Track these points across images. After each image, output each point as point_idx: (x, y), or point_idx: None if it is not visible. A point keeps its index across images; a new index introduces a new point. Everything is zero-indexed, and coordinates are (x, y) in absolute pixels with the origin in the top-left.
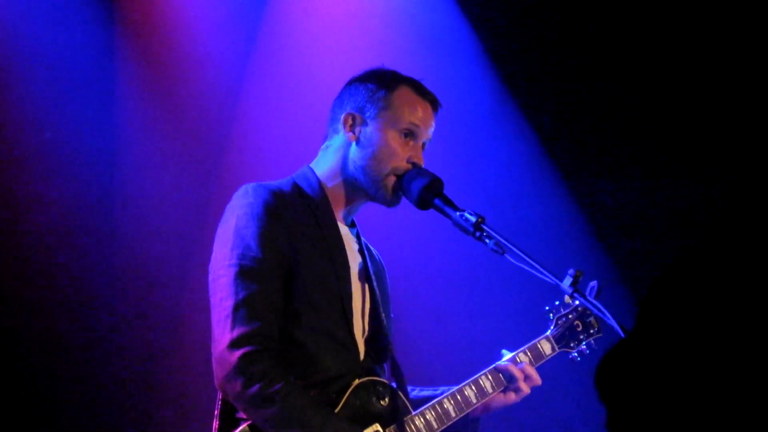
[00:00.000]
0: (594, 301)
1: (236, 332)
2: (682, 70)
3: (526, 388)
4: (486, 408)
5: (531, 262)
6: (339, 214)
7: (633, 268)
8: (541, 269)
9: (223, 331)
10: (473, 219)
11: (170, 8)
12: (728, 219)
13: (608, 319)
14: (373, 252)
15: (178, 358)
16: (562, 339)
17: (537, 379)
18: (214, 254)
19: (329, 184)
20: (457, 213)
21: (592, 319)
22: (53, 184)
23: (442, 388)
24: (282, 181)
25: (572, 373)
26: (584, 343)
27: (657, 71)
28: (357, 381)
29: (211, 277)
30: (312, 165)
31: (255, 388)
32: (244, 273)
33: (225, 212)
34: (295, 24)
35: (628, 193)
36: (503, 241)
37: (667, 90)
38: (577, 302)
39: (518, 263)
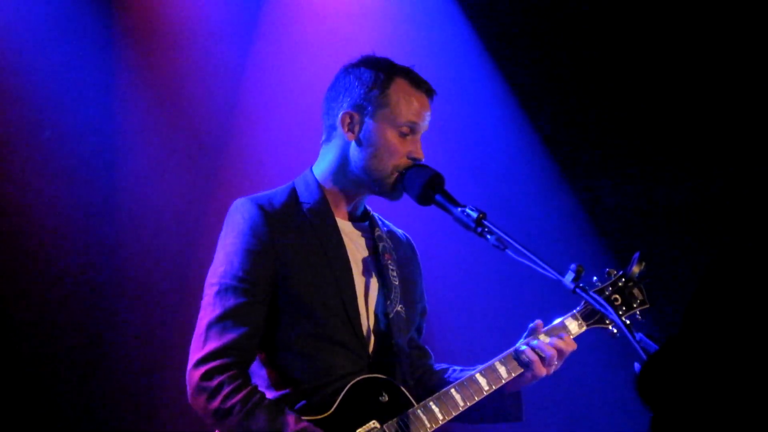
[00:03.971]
0: (596, 297)
1: (206, 350)
2: (683, 69)
3: (542, 371)
4: (516, 383)
5: (532, 257)
6: (343, 212)
7: (629, 258)
8: (543, 265)
9: (194, 350)
10: (474, 215)
11: (169, 10)
12: (729, 216)
13: (610, 313)
14: (399, 237)
15: (178, 368)
16: (593, 315)
17: (556, 356)
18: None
19: (329, 185)
20: (459, 209)
21: (636, 290)
22: (52, 185)
23: (480, 367)
24: (278, 190)
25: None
26: (625, 317)
27: (658, 70)
28: (353, 380)
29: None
30: (313, 167)
31: (215, 402)
32: (224, 291)
33: (222, 228)
34: (294, 23)
35: (628, 190)
36: (505, 236)
37: (667, 88)
38: (619, 274)
39: (520, 259)
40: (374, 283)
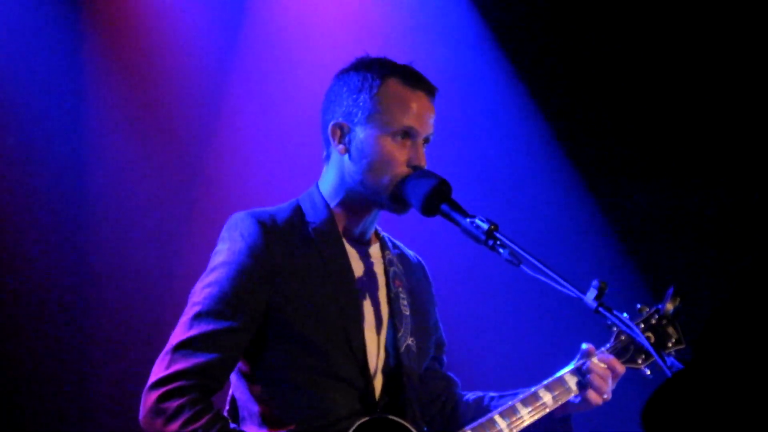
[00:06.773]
0: (621, 316)
1: (169, 371)
2: (709, 73)
3: (598, 400)
4: (562, 410)
5: (550, 273)
6: (351, 233)
7: (658, 276)
8: (562, 281)
9: (157, 370)
10: (485, 226)
11: (145, 8)
12: (754, 223)
13: (637, 335)
14: (411, 260)
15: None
16: (623, 354)
17: (595, 399)
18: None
19: (333, 203)
20: (467, 220)
21: (670, 328)
22: (25, 188)
23: (521, 395)
24: (281, 207)
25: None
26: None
27: (683, 73)
28: (358, 422)
29: None
30: (319, 183)
31: (174, 425)
32: (205, 313)
33: (216, 242)
34: (280, 23)
35: (651, 198)
36: (519, 250)
37: (692, 92)
38: (652, 311)
39: (536, 275)
40: (383, 313)
